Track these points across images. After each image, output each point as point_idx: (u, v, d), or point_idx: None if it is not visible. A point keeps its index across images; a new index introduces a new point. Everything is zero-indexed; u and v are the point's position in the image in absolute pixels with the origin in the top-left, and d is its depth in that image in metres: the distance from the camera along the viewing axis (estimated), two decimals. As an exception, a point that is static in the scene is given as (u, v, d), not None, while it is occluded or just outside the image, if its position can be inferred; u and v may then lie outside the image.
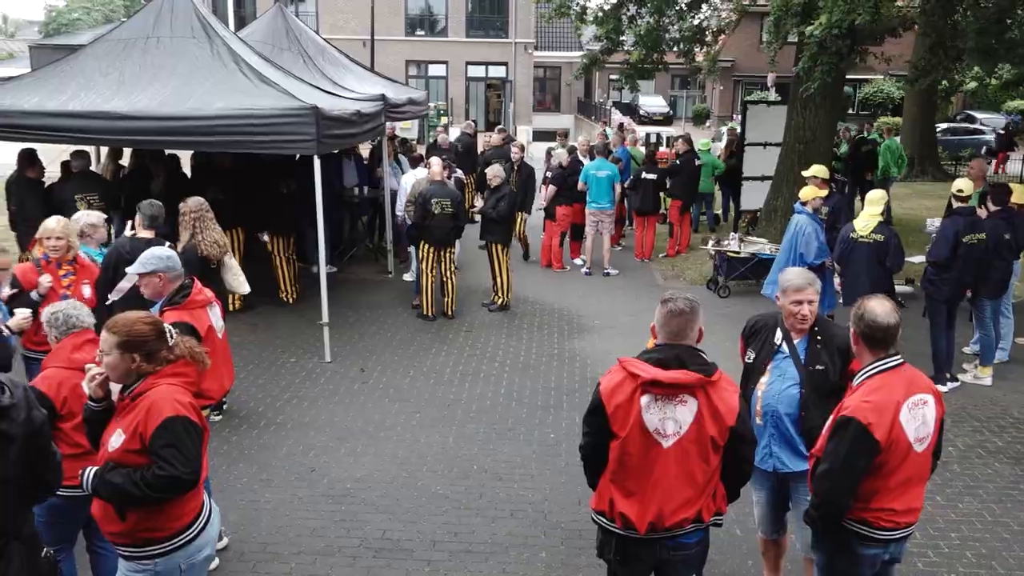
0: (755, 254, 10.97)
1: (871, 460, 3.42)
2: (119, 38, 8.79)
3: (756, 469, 4.24)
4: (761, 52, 37.11)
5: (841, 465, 3.43)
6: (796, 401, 4.09)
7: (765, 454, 4.20)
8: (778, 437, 4.16)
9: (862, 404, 3.43)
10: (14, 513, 2.61)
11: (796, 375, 4.11)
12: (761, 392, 4.18)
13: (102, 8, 70.33)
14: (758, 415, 4.18)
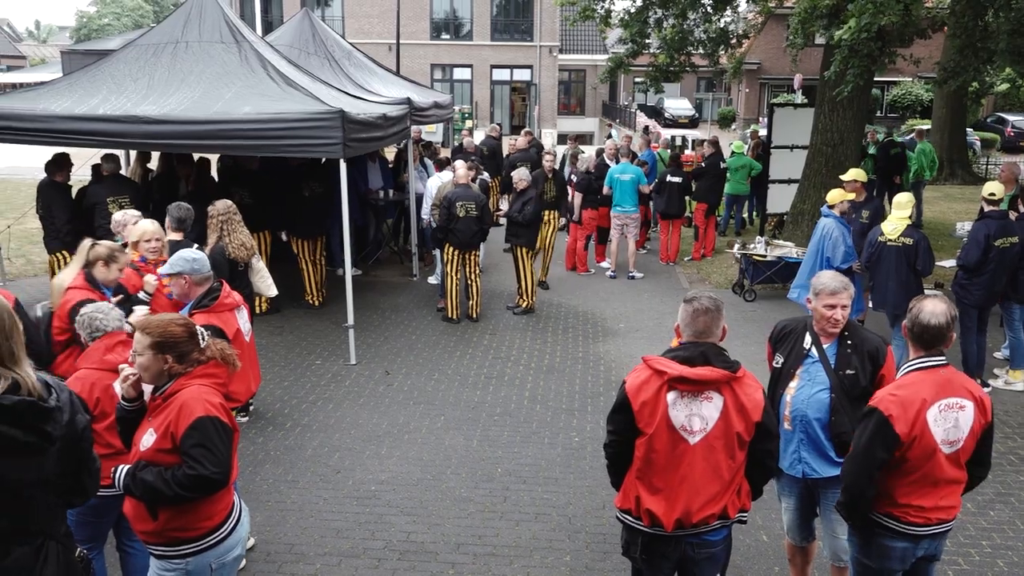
0: (781, 258, 10.89)
1: (891, 452, 3.44)
2: (149, 43, 8.89)
3: (785, 475, 4.22)
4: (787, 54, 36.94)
5: (861, 452, 3.48)
6: (826, 406, 4.05)
7: (794, 459, 4.16)
8: (807, 443, 4.12)
9: (887, 396, 3.47)
10: (52, 514, 2.63)
11: (826, 380, 4.06)
12: (790, 397, 4.14)
13: (131, 14, 71.35)
14: (787, 420, 4.14)
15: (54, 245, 9.08)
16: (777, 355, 4.26)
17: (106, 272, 5.00)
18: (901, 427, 3.39)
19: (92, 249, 5.00)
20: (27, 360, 2.55)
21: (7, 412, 2.42)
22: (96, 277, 4.98)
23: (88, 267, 4.97)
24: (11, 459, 2.45)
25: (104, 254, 5.00)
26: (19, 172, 19.03)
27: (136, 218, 6.75)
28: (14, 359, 2.48)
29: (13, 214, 14.14)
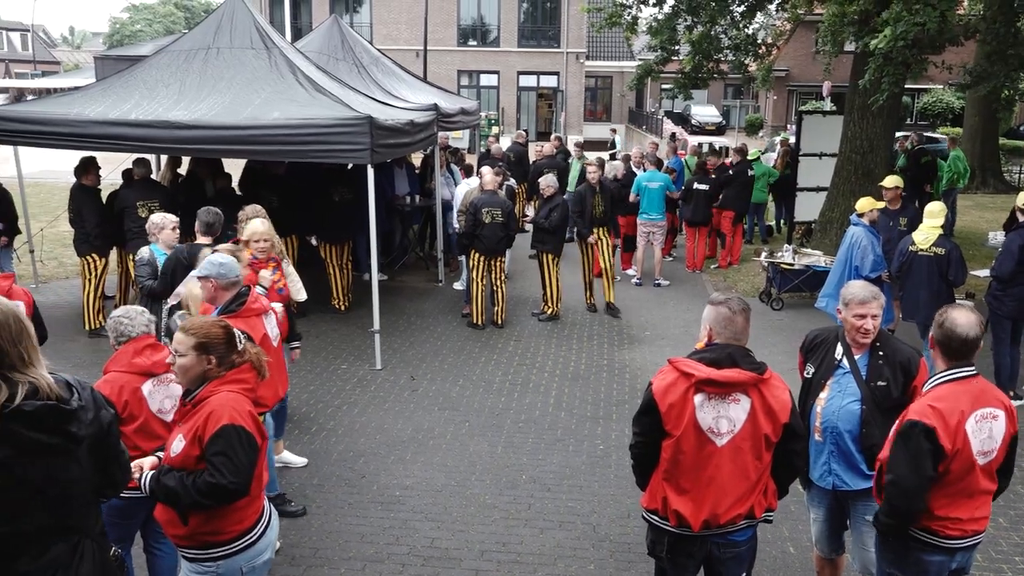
0: (809, 266, 10.80)
1: (937, 467, 3.37)
2: (181, 49, 9.00)
3: (815, 487, 4.18)
4: (816, 61, 36.63)
5: (910, 470, 3.38)
6: (857, 417, 3.99)
7: (824, 471, 4.11)
8: (838, 454, 4.06)
9: (927, 408, 3.40)
10: (86, 512, 2.67)
11: (857, 391, 4.01)
12: (821, 408, 4.09)
13: (163, 20, 72.33)
14: (817, 432, 4.09)
15: (84, 248, 9.19)
16: (808, 365, 4.21)
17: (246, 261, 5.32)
18: (945, 440, 3.33)
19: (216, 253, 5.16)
20: (42, 362, 2.57)
21: (29, 417, 2.44)
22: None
23: None
24: (41, 462, 2.48)
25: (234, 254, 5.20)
26: (53, 176, 19.32)
27: (174, 223, 6.85)
28: (25, 363, 2.50)
29: (46, 217, 14.34)
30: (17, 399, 2.41)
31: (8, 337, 2.47)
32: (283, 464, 6.22)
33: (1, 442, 2.40)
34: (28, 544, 2.48)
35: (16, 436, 2.41)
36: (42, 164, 16.52)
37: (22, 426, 2.42)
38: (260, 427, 3.34)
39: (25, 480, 2.44)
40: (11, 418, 2.41)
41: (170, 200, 9.18)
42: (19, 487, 2.43)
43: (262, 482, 3.43)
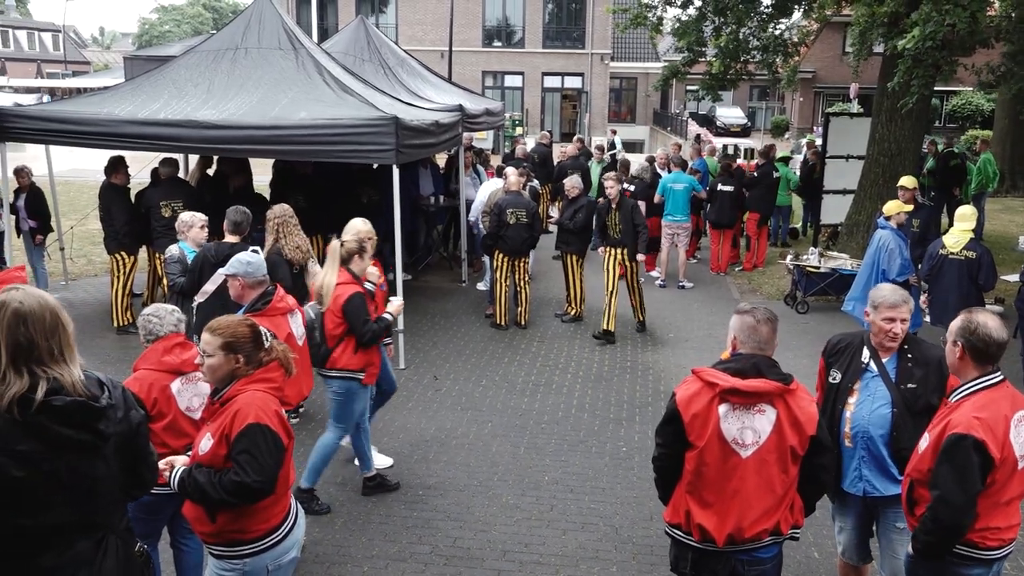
0: (835, 269, 10.71)
1: (986, 479, 3.28)
2: (209, 49, 9.10)
3: (844, 493, 4.12)
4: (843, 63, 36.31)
5: (959, 487, 3.27)
6: (888, 421, 3.92)
7: (855, 477, 4.03)
8: (869, 460, 3.99)
9: (973, 420, 3.27)
10: (112, 509, 2.70)
11: (887, 394, 3.94)
12: (850, 413, 4.01)
13: (191, 21, 73.06)
14: (847, 438, 4.02)
15: (113, 246, 9.30)
16: (833, 371, 4.13)
17: (361, 264, 5.51)
18: (995, 451, 3.24)
19: (344, 247, 5.43)
20: (76, 360, 2.58)
21: (59, 413, 2.47)
22: (353, 270, 5.43)
23: (345, 263, 5.40)
24: (68, 457, 2.51)
25: (355, 248, 5.47)
26: (82, 175, 19.55)
27: (202, 221, 6.91)
28: (53, 358, 2.51)
29: (76, 215, 14.52)
30: (38, 393, 2.43)
31: (40, 329, 2.49)
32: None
33: (28, 435, 2.43)
34: (52, 539, 2.51)
35: (44, 430, 2.44)
36: (71, 163, 16.74)
37: (51, 421, 2.45)
38: (286, 426, 3.36)
39: (52, 475, 2.46)
40: (40, 412, 2.44)
41: (195, 200, 9.25)
42: (45, 482, 2.45)
43: (288, 481, 3.45)
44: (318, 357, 5.39)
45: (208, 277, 6.39)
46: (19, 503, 2.42)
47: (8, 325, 2.45)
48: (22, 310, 2.48)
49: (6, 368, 2.43)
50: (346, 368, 5.40)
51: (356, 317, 5.31)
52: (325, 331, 5.33)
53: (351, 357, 5.39)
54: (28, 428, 2.42)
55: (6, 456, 2.38)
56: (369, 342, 5.38)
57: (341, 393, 5.48)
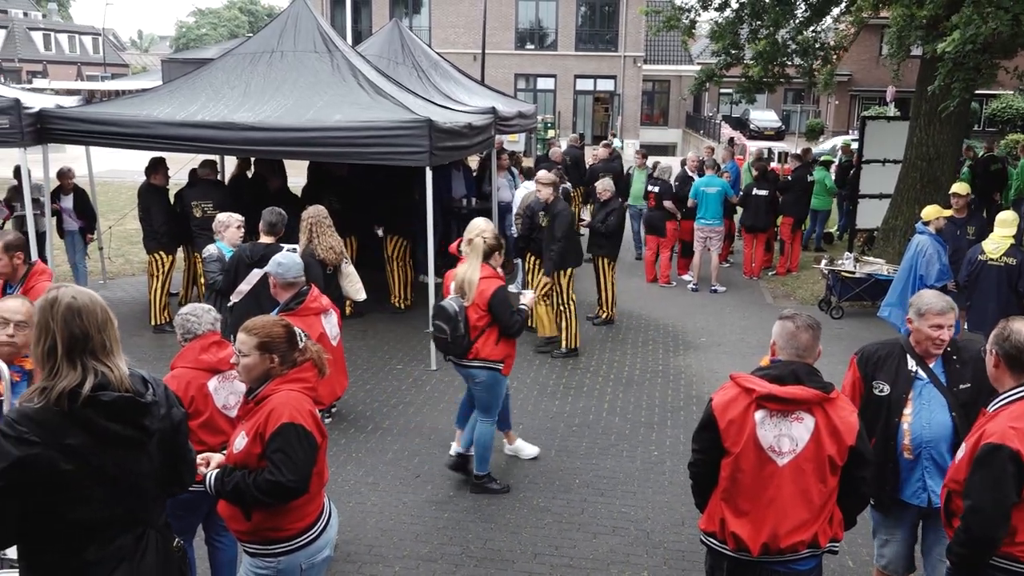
0: (871, 275, 10.58)
1: (1020, 489, 3.18)
2: (246, 52, 9.20)
3: (901, 504, 4.01)
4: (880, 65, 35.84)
5: (992, 497, 3.18)
6: (949, 428, 3.83)
7: (918, 488, 3.92)
8: (933, 469, 3.88)
9: (1009, 430, 3.19)
10: (152, 504, 2.74)
11: (942, 399, 3.85)
12: (908, 425, 3.90)
13: (228, 24, 73.98)
14: (907, 450, 3.91)
15: (152, 246, 9.43)
16: (878, 383, 3.99)
17: (499, 258, 5.78)
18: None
19: (485, 243, 5.71)
20: (122, 356, 2.64)
21: (107, 408, 2.52)
22: (493, 265, 5.72)
23: (486, 258, 5.68)
24: (115, 452, 2.55)
25: (495, 244, 5.75)
26: (119, 175, 19.87)
27: (239, 222, 7.00)
28: (106, 352, 2.57)
29: (114, 215, 14.75)
30: (85, 387, 2.48)
31: (94, 323, 2.55)
32: (513, 453, 6.52)
33: (76, 429, 2.47)
34: (96, 533, 2.55)
35: (91, 425, 2.49)
36: (109, 164, 17.00)
37: (98, 415, 2.50)
38: (320, 426, 3.38)
39: (98, 469, 2.51)
40: (86, 406, 2.48)
41: (227, 201, 9.31)
42: (92, 476, 2.50)
43: (322, 480, 3.48)
44: (460, 349, 5.62)
45: (243, 277, 6.48)
46: (66, 496, 2.46)
47: (64, 318, 2.51)
48: (75, 304, 2.54)
49: (61, 360, 2.49)
50: (488, 358, 5.67)
51: (503, 309, 5.59)
52: (469, 323, 5.58)
53: (492, 348, 5.66)
54: (76, 422, 2.47)
55: (55, 449, 2.42)
56: (516, 332, 5.70)
57: (483, 382, 5.75)
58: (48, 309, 2.53)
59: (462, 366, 5.78)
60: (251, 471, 3.23)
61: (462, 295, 5.65)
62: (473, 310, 5.61)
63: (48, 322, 2.52)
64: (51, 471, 2.42)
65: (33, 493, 2.43)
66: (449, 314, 5.58)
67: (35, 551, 2.55)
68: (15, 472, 2.39)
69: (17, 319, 3.69)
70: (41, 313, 2.54)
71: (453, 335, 5.58)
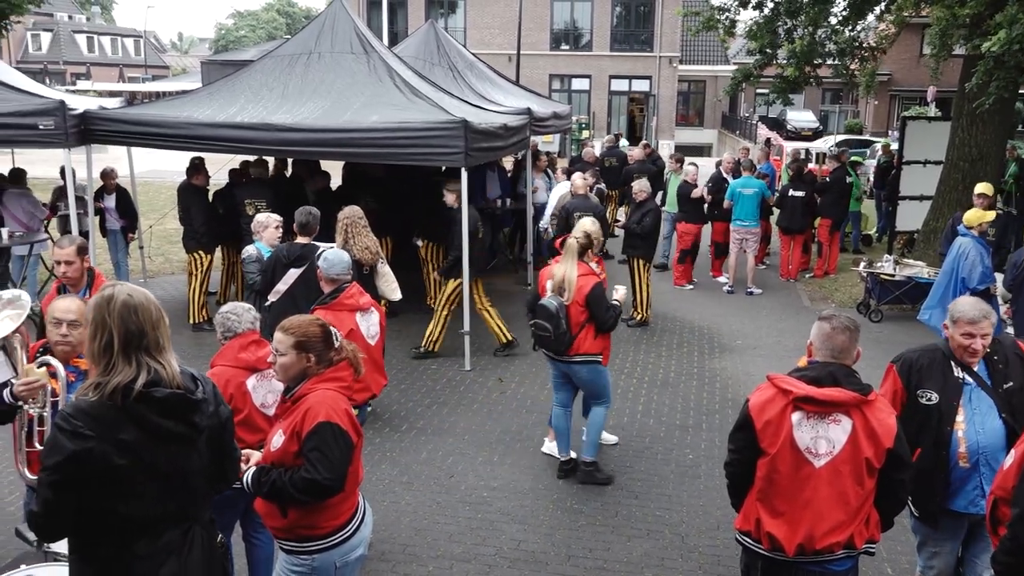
0: (911, 277, 10.41)
1: None
2: (284, 54, 9.29)
3: (951, 514, 3.93)
4: (920, 65, 35.25)
5: None
6: (1002, 430, 3.77)
7: (975, 496, 3.83)
8: (990, 476, 3.77)
9: None
10: (200, 500, 2.78)
11: (991, 402, 3.79)
12: (962, 433, 3.82)
13: (266, 26, 74.81)
14: (963, 459, 3.83)
15: (191, 245, 9.57)
16: (924, 391, 3.91)
17: (592, 255, 6.10)
18: None
19: (579, 242, 5.90)
20: (172, 352, 2.68)
21: (160, 404, 2.56)
22: (587, 261, 5.98)
23: (580, 256, 5.89)
24: (167, 448, 2.60)
25: (586, 242, 5.94)
26: (159, 175, 20.19)
27: (277, 222, 7.08)
28: (159, 348, 2.62)
29: (154, 215, 14.98)
30: (139, 382, 2.52)
31: (149, 320, 2.61)
32: (548, 452, 6.61)
33: (130, 424, 2.52)
34: (147, 528, 2.59)
35: (145, 420, 2.53)
36: (150, 164, 17.26)
37: (152, 411, 2.54)
38: (356, 425, 3.41)
39: (151, 465, 2.55)
40: (141, 402, 2.53)
41: (280, 200, 9.37)
42: (144, 471, 2.54)
43: (357, 478, 3.50)
44: (562, 345, 5.81)
45: (281, 277, 6.54)
46: (119, 491, 2.51)
47: (120, 315, 2.56)
48: (131, 301, 2.60)
49: (117, 356, 2.53)
50: (588, 353, 5.88)
51: (600, 304, 5.79)
52: (570, 321, 5.76)
53: (592, 343, 5.85)
54: (130, 417, 2.51)
55: (109, 444, 2.47)
56: (612, 327, 5.91)
57: (587, 375, 5.99)
58: (104, 306, 2.58)
59: (563, 362, 5.95)
60: (287, 469, 3.26)
61: (560, 293, 5.82)
62: (574, 307, 5.79)
63: (105, 318, 2.57)
64: (105, 465, 2.46)
65: (87, 487, 2.48)
66: (551, 312, 5.75)
67: (87, 544, 2.60)
68: (70, 466, 2.43)
69: (70, 318, 3.76)
70: (97, 310, 2.59)
71: (556, 332, 5.76)
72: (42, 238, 10.17)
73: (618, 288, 6.12)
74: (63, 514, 2.49)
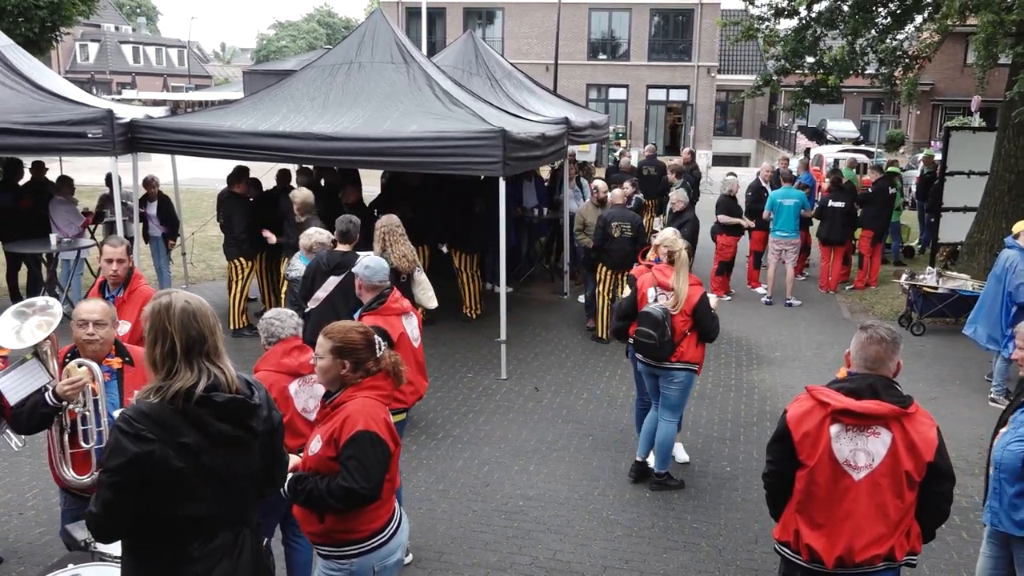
0: (955, 290, 10.23)
1: None
2: (325, 64, 9.40)
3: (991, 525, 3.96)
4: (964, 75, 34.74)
5: None
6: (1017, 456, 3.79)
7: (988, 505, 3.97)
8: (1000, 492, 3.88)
9: None
10: (251, 504, 2.82)
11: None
12: (995, 443, 3.97)
13: (306, 36, 75.75)
14: (991, 467, 3.96)
15: (232, 252, 9.70)
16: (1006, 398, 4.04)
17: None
18: None
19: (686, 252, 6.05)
20: (227, 357, 2.73)
21: (219, 408, 2.61)
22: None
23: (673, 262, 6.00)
24: (224, 452, 2.64)
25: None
26: (201, 183, 20.51)
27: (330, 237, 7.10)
28: (217, 353, 2.68)
29: (196, 222, 15.22)
30: (199, 386, 2.57)
31: (208, 326, 2.67)
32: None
33: (190, 428, 2.56)
34: (201, 530, 2.64)
35: (205, 425, 2.58)
36: (192, 172, 17.56)
37: (211, 415, 2.59)
38: (394, 433, 3.42)
39: (209, 469, 2.60)
40: (201, 406, 2.58)
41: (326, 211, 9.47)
42: (203, 475, 2.59)
43: (394, 485, 3.51)
44: (666, 352, 5.89)
45: (320, 284, 6.60)
46: (177, 494, 2.55)
47: (180, 321, 2.62)
48: (189, 308, 2.65)
49: (180, 361, 2.59)
50: (690, 361, 5.99)
51: (706, 315, 5.93)
52: (675, 328, 5.86)
53: (694, 351, 5.98)
54: (190, 421, 2.56)
55: (170, 447, 2.51)
56: (715, 336, 6.08)
57: (681, 382, 6.05)
58: (164, 313, 2.63)
59: (663, 368, 6.00)
60: (323, 476, 3.28)
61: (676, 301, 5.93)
62: (680, 316, 5.89)
63: (165, 326, 2.62)
64: (165, 468, 2.51)
65: (147, 489, 2.52)
66: (657, 319, 5.83)
67: (142, 545, 2.65)
68: (132, 468, 2.48)
69: (95, 318, 3.86)
70: (156, 317, 2.64)
71: (661, 340, 5.83)
72: (88, 244, 10.38)
73: (711, 297, 6.16)
74: (122, 515, 2.54)
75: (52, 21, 18.15)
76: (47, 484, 6.02)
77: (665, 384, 6.08)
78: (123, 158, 8.75)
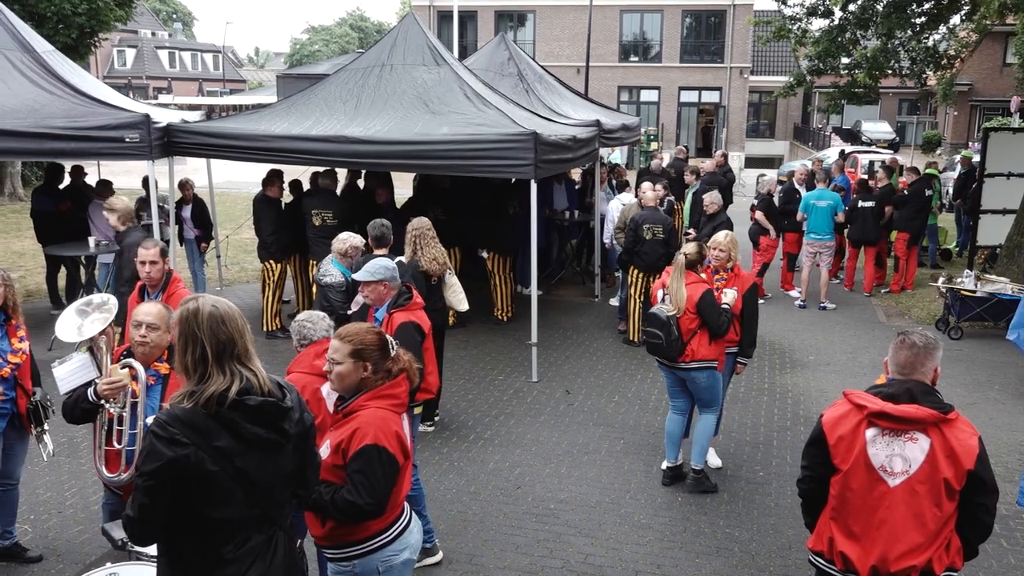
0: (994, 294, 10.05)
1: None
2: (358, 67, 9.47)
3: None
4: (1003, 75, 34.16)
5: None
6: None
7: None
8: None
9: None
10: (284, 506, 2.84)
11: None
12: None
13: (339, 40, 76.39)
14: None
15: (264, 255, 9.80)
16: None
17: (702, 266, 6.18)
18: None
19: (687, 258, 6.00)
20: (256, 357, 2.74)
21: (252, 412, 2.63)
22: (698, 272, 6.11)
23: (691, 268, 6.00)
24: (257, 455, 2.65)
25: (695, 257, 6.05)
26: (236, 186, 20.76)
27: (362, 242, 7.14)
28: (248, 356, 2.69)
29: (231, 225, 15.39)
30: (232, 390, 2.59)
31: (237, 329, 2.67)
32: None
33: (224, 431, 2.59)
34: (235, 532, 2.66)
35: (238, 428, 2.60)
36: (226, 175, 17.76)
37: (244, 419, 2.61)
38: (405, 446, 3.36)
39: (243, 472, 2.61)
40: (234, 410, 2.60)
41: (345, 213, 9.54)
42: (236, 477, 2.60)
43: (401, 492, 3.44)
44: (675, 352, 5.88)
45: (357, 289, 6.64)
46: (211, 496, 2.57)
47: (209, 326, 2.63)
48: (217, 312, 2.67)
49: (212, 366, 2.61)
50: (704, 359, 5.95)
51: (711, 310, 5.86)
52: (681, 329, 5.85)
53: (706, 349, 5.93)
54: (223, 424, 2.58)
55: (205, 451, 2.54)
56: (724, 331, 5.95)
57: (704, 380, 6.03)
58: (192, 319, 2.65)
59: (679, 369, 6.00)
60: (330, 485, 3.23)
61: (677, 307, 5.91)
62: (685, 314, 5.88)
63: (195, 331, 2.63)
64: (200, 472, 2.53)
65: (182, 493, 2.55)
66: (662, 320, 5.85)
67: (177, 547, 2.67)
68: (166, 472, 2.51)
69: (149, 321, 3.89)
70: (186, 323, 2.66)
71: (667, 339, 5.85)
72: (125, 246, 10.52)
73: (727, 292, 6.11)
74: (157, 519, 2.57)
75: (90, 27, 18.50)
76: (86, 483, 6.12)
77: (691, 384, 6.09)
78: (159, 162, 8.87)
